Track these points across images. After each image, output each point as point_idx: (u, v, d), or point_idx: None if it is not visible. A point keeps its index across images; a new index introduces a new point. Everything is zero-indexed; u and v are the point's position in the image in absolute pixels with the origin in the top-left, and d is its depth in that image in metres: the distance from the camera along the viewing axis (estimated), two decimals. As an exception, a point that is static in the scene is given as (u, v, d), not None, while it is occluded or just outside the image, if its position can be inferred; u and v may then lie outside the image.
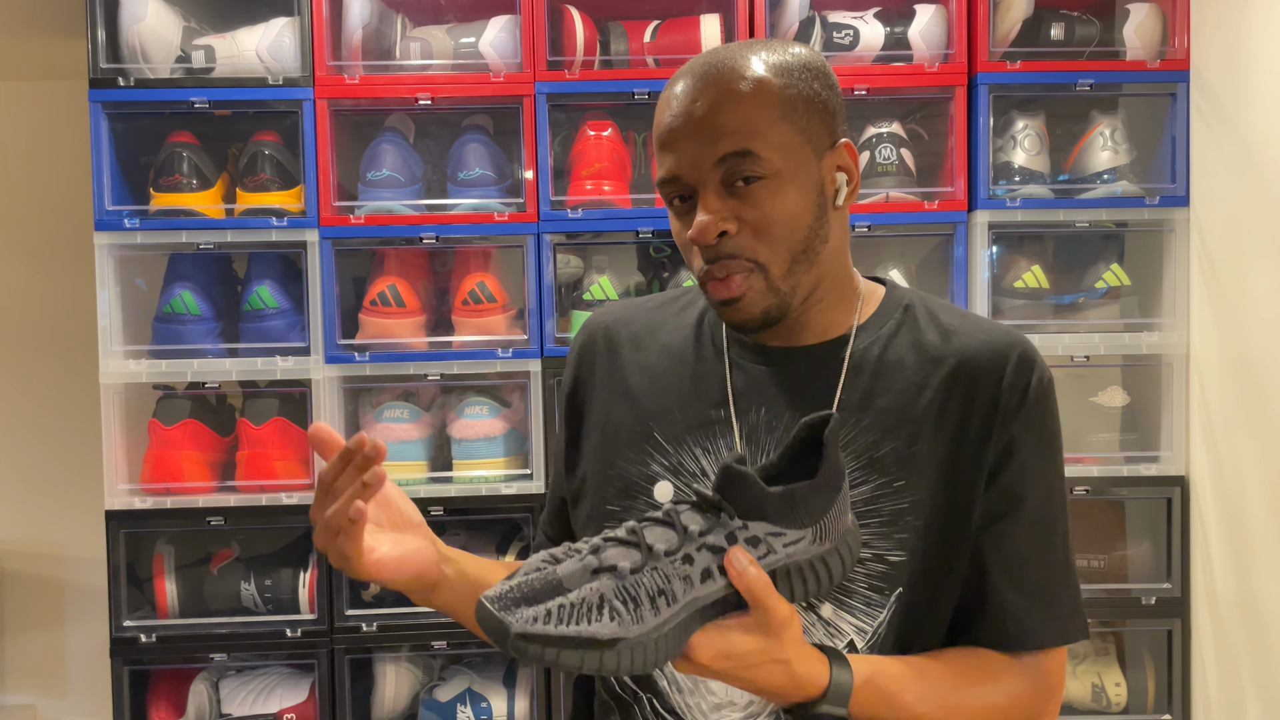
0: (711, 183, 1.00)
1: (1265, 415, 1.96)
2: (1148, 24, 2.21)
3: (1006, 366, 1.05)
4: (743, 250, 1.01)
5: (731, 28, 2.21)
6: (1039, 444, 1.07)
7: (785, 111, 1.01)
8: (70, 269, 2.71)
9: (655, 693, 1.06)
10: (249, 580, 2.21)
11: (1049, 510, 1.06)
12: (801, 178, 1.02)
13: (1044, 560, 1.06)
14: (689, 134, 1.01)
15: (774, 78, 1.01)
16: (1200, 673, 2.17)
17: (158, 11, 2.17)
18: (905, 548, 1.02)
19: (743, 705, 1.03)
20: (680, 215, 1.05)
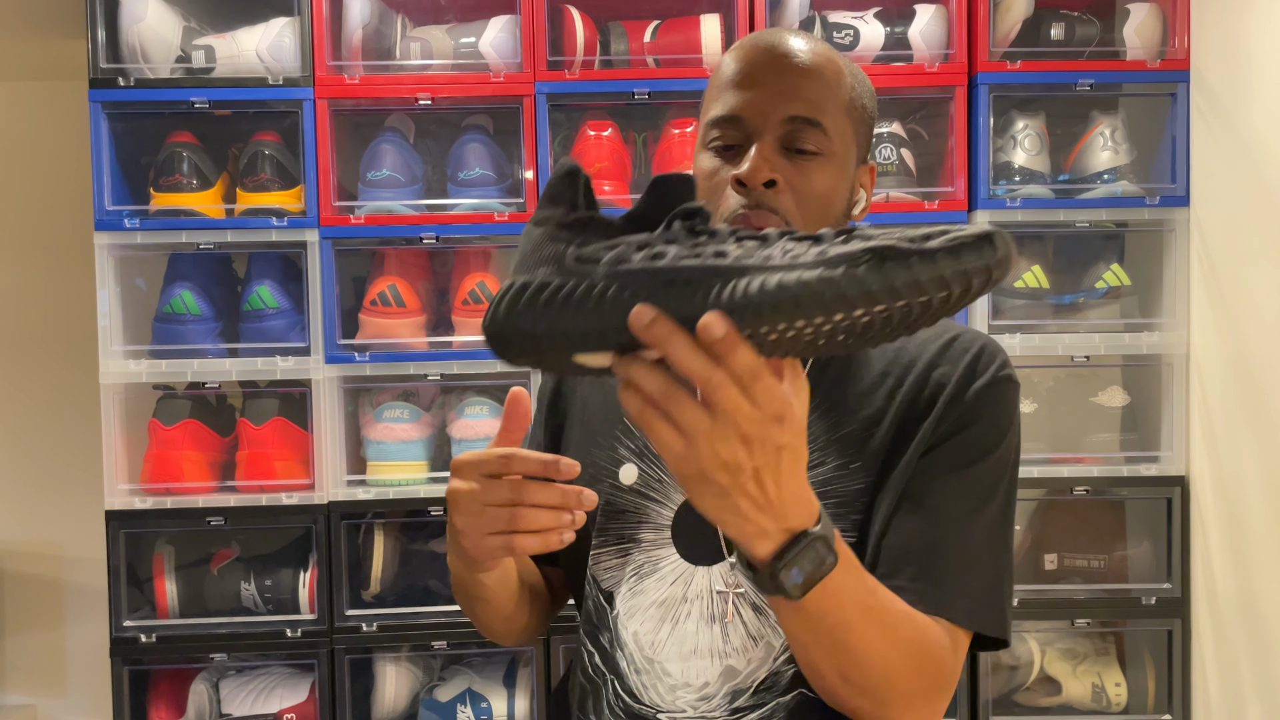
0: (772, 136, 1.05)
1: (1265, 415, 1.96)
2: (1148, 24, 2.21)
3: (965, 357, 1.07)
4: (781, 208, 1.04)
5: (732, 28, 2.21)
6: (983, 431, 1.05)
7: (849, 110, 1.08)
8: (70, 269, 2.71)
9: (617, 674, 1.08)
10: (249, 580, 2.21)
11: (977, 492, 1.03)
12: (844, 172, 1.08)
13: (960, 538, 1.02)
14: (767, 82, 1.05)
15: (850, 78, 1.09)
16: (1200, 673, 2.17)
17: (158, 11, 2.17)
18: (858, 529, 1.04)
19: (698, 687, 1.04)
20: (716, 156, 1.07)
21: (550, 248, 0.77)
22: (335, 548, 2.16)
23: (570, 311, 0.74)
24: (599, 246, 0.76)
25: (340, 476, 2.17)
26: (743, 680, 1.03)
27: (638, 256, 0.74)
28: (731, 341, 0.69)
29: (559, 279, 0.75)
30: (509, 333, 0.76)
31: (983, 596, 1.02)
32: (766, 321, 0.69)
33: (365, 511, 2.20)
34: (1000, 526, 1.05)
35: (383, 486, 2.17)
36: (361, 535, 2.24)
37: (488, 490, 0.94)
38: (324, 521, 2.16)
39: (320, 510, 2.16)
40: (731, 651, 1.04)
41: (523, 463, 0.93)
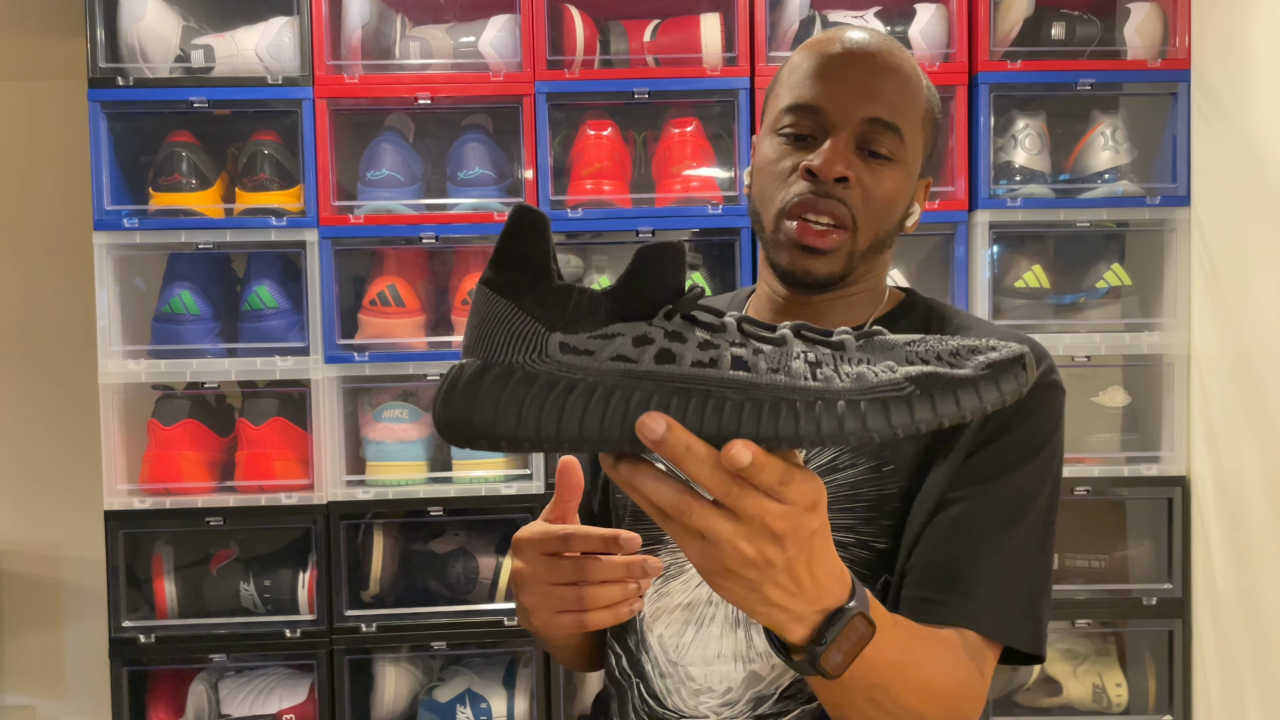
0: (849, 132, 1.03)
1: (1266, 415, 1.95)
2: (1149, 23, 2.21)
3: None
4: (850, 202, 1.03)
5: (732, 27, 2.20)
6: (1024, 438, 1.03)
7: (924, 123, 1.08)
8: (69, 269, 2.71)
9: (642, 677, 1.07)
10: (248, 580, 2.21)
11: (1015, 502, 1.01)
12: (909, 180, 1.07)
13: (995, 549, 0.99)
14: (853, 78, 1.04)
15: (927, 89, 1.09)
16: (1201, 673, 2.16)
17: (157, 11, 2.16)
18: (891, 534, 1.02)
19: (721, 692, 1.03)
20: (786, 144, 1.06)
21: (523, 327, 0.67)
22: (334, 548, 2.15)
23: (555, 412, 0.66)
24: (588, 337, 0.67)
25: (339, 476, 2.17)
26: (766, 686, 1.02)
27: (644, 357, 0.66)
28: (759, 464, 0.65)
29: (541, 371, 0.67)
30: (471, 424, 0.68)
31: (1016, 610, 0.99)
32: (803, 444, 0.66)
33: (364, 512, 2.20)
34: (1039, 537, 1.02)
35: (382, 486, 2.17)
36: (361, 535, 2.23)
37: (551, 570, 0.92)
38: (323, 522, 2.15)
39: (319, 510, 2.16)
40: (755, 657, 1.02)
41: (583, 541, 0.91)
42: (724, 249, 2.24)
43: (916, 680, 0.87)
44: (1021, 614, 0.99)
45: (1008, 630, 0.98)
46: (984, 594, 0.97)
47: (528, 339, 0.67)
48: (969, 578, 0.97)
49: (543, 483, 2.16)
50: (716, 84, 2.17)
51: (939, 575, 0.98)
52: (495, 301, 0.68)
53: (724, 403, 0.66)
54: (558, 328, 0.67)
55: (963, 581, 0.97)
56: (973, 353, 0.67)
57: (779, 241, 1.05)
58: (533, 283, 0.68)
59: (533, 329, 0.68)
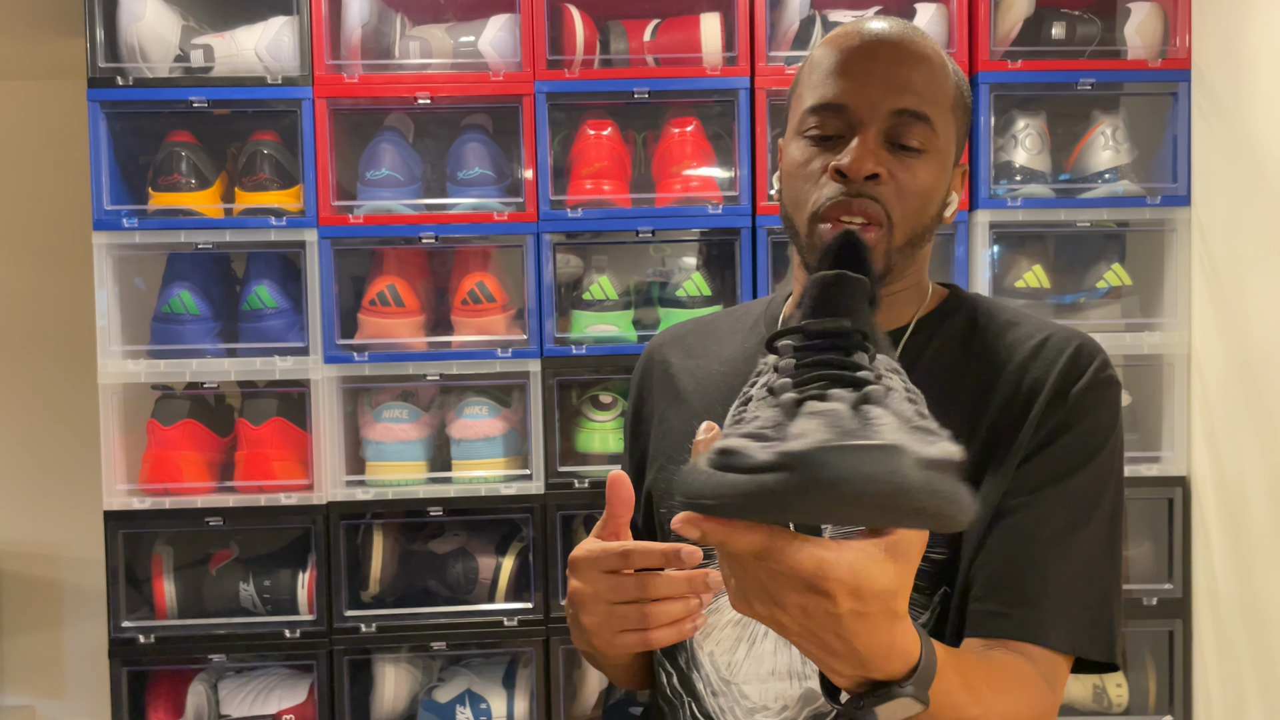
0: (877, 128, 0.99)
1: (1267, 415, 1.95)
2: (1149, 23, 2.20)
3: (1062, 358, 1.02)
4: (883, 199, 0.99)
5: (732, 26, 2.20)
6: (1084, 437, 0.99)
7: (954, 108, 1.04)
8: (69, 269, 2.71)
9: (694, 696, 1.05)
10: (248, 581, 2.20)
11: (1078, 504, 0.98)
12: (944, 170, 1.03)
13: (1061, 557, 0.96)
14: (876, 71, 1.00)
15: (954, 75, 1.05)
16: (1202, 673, 2.16)
17: (156, 10, 2.16)
18: (950, 544, 0.99)
19: (776, 710, 1.01)
20: (813, 145, 1.02)
21: None
22: (334, 548, 2.15)
23: None
24: None
25: (339, 477, 2.17)
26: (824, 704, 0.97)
27: None
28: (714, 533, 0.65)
29: None
30: None
31: (1087, 619, 0.97)
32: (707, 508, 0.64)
33: (364, 512, 2.20)
34: (1106, 539, 0.99)
35: (382, 487, 2.17)
36: (360, 536, 2.23)
37: (612, 589, 0.89)
38: (323, 522, 2.15)
39: (319, 510, 2.15)
40: (811, 673, 0.99)
41: (644, 557, 0.88)
42: (724, 249, 2.24)
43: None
44: (1092, 623, 0.97)
45: (1080, 641, 0.96)
46: (1052, 606, 0.95)
47: None
48: (1036, 590, 0.95)
49: (542, 483, 2.16)
50: (716, 84, 2.17)
51: (1004, 588, 0.95)
52: None
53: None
54: None
55: (1029, 594, 0.95)
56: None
57: (814, 245, 1.01)
58: None
59: None
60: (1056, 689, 0.95)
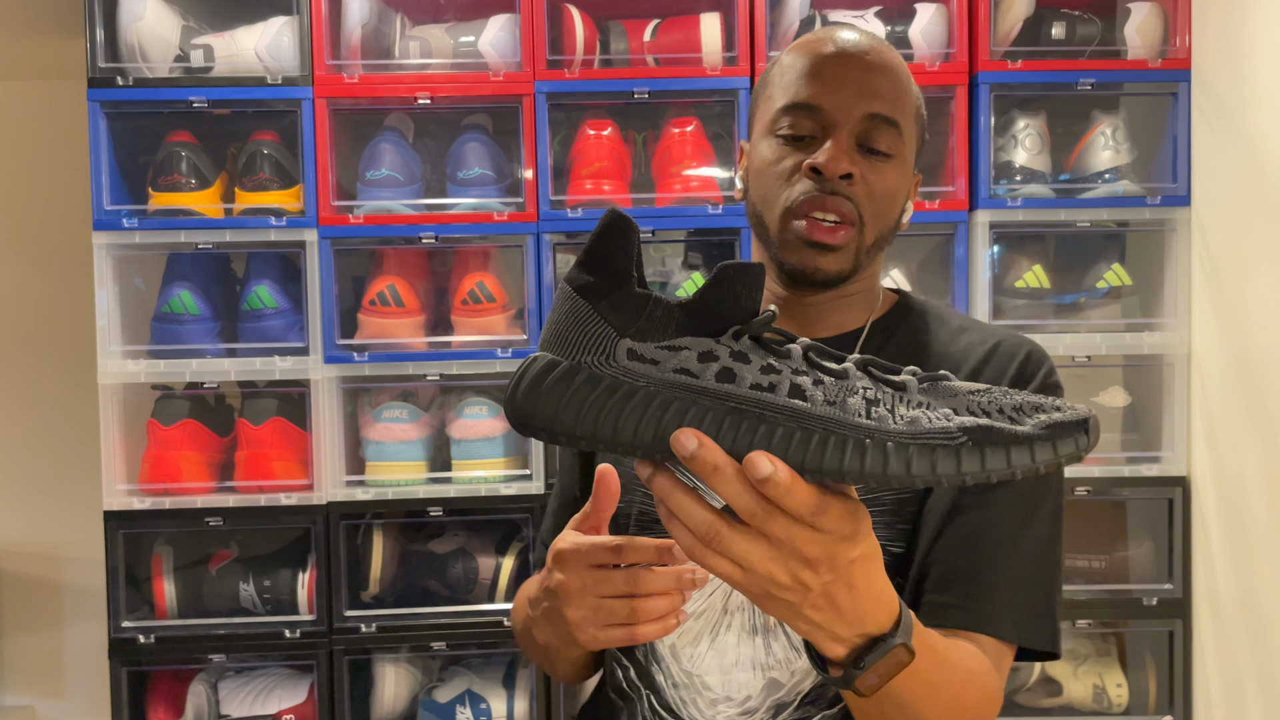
0: (850, 130, 1.04)
1: (1267, 415, 1.95)
2: (1149, 23, 2.20)
3: (1012, 364, 1.06)
4: (856, 199, 1.03)
5: (732, 26, 2.20)
6: None
7: (915, 120, 1.09)
8: (69, 269, 2.71)
9: (654, 689, 1.06)
10: (248, 581, 2.20)
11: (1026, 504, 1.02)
12: (905, 177, 1.08)
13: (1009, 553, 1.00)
14: (851, 76, 1.05)
15: (916, 90, 1.10)
16: (1202, 673, 2.16)
17: (156, 10, 2.16)
18: (906, 539, 1.02)
19: (739, 700, 1.02)
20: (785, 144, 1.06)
21: (596, 329, 0.69)
22: (334, 548, 2.15)
23: (614, 415, 0.67)
24: (656, 347, 0.68)
25: (339, 477, 2.17)
26: (787, 693, 1.01)
27: (705, 373, 0.67)
28: (788, 484, 0.65)
29: (606, 374, 0.68)
30: (535, 415, 0.69)
31: (1032, 612, 1.01)
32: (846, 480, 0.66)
33: (364, 512, 2.20)
34: (1050, 537, 1.04)
35: (382, 487, 2.17)
36: (360, 536, 2.23)
37: (601, 583, 0.89)
38: (323, 522, 2.15)
39: (319, 510, 2.15)
40: (775, 664, 1.02)
41: (636, 553, 0.89)
42: (724, 249, 2.24)
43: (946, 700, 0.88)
44: (1037, 615, 1.01)
45: (1025, 633, 1.00)
46: (1000, 598, 0.99)
47: (598, 341, 0.69)
48: (987, 583, 0.99)
49: (542, 483, 2.16)
50: (716, 84, 2.17)
51: (956, 580, 0.99)
52: (574, 301, 0.70)
53: (775, 429, 0.66)
54: (628, 334, 0.69)
55: (981, 587, 0.99)
56: (1036, 410, 0.66)
57: (786, 241, 1.05)
58: (612, 287, 0.69)
59: (604, 332, 0.69)
60: (1002, 675, 0.99)
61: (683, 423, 0.67)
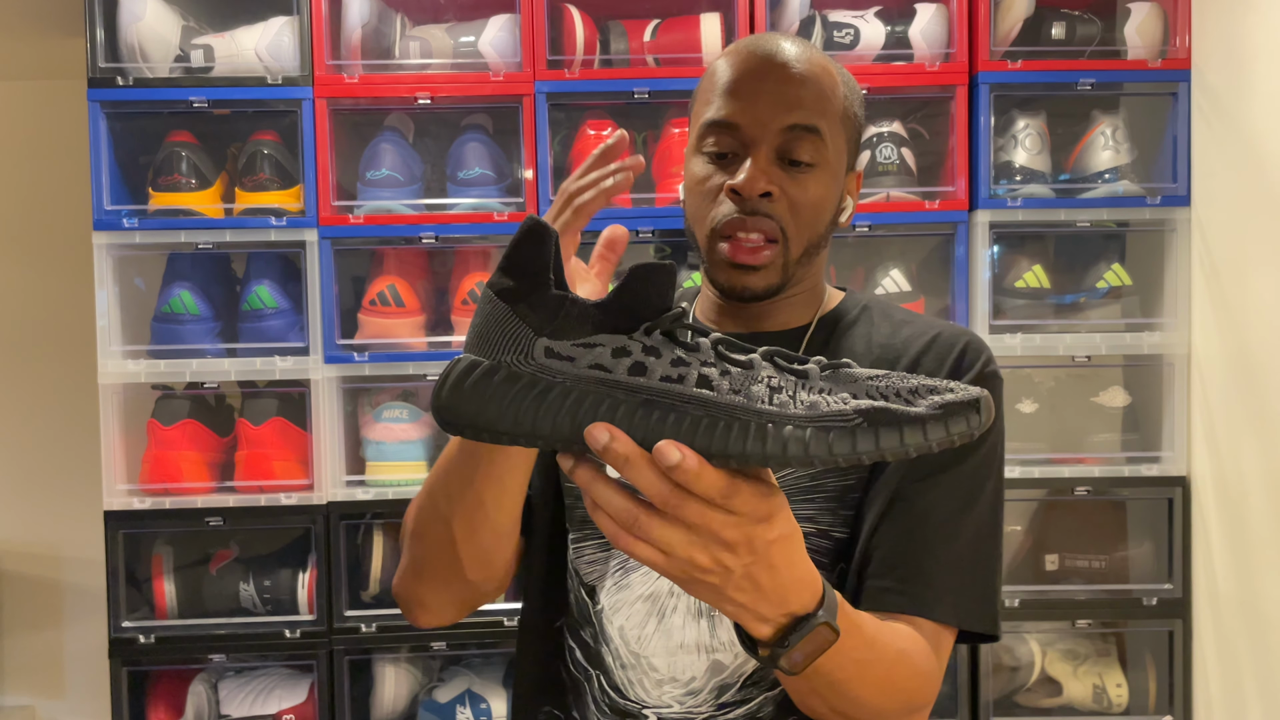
0: (768, 145, 1.05)
1: (1267, 415, 1.95)
2: (1149, 23, 2.20)
3: (951, 353, 1.08)
4: (777, 216, 1.05)
5: (732, 27, 2.20)
6: None
7: (843, 119, 1.09)
8: (69, 269, 2.70)
9: (603, 669, 1.08)
10: (248, 581, 2.20)
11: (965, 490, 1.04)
12: (835, 180, 1.08)
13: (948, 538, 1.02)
14: (765, 90, 1.05)
15: (843, 86, 1.09)
16: (1202, 673, 2.16)
17: (156, 11, 2.16)
18: (849, 524, 1.05)
19: (684, 681, 1.04)
20: (710, 162, 1.08)
21: (515, 329, 0.72)
22: (334, 548, 2.15)
23: (532, 410, 0.70)
24: (571, 344, 0.71)
25: (339, 477, 2.17)
26: (729, 675, 1.03)
27: (618, 368, 0.70)
28: (696, 470, 0.67)
29: (525, 372, 0.71)
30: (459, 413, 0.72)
31: (972, 595, 1.03)
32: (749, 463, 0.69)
33: (364, 512, 2.20)
34: (989, 522, 1.06)
35: (382, 487, 2.17)
36: (360, 535, 2.23)
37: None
38: (323, 522, 2.15)
39: (319, 510, 2.15)
40: (719, 646, 1.04)
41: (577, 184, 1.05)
42: (724, 249, 2.24)
43: (876, 677, 0.90)
44: (977, 599, 1.04)
45: (965, 616, 1.03)
46: (940, 583, 1.01)
47: (517, 341, 0.72)
48: (926, 568, 1.01)
49: (543, 483, 2.16)
50: (716, 84, 2.17)
51: (896, 566, 1.01)
52: (494, 304, 0.73)
53: (684, 418, 0.69)
54: (545, 333, 0.72)
55: (920, 572, 1.01)
56: (931, 392, 0.69)
57: (714, 261, 1.08)
58: (530, 290, 0.72)
59: (523, 332, 0.72)
60: (941, 656, 1.01)
61: (597, 416, 0.70)
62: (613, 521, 0.71)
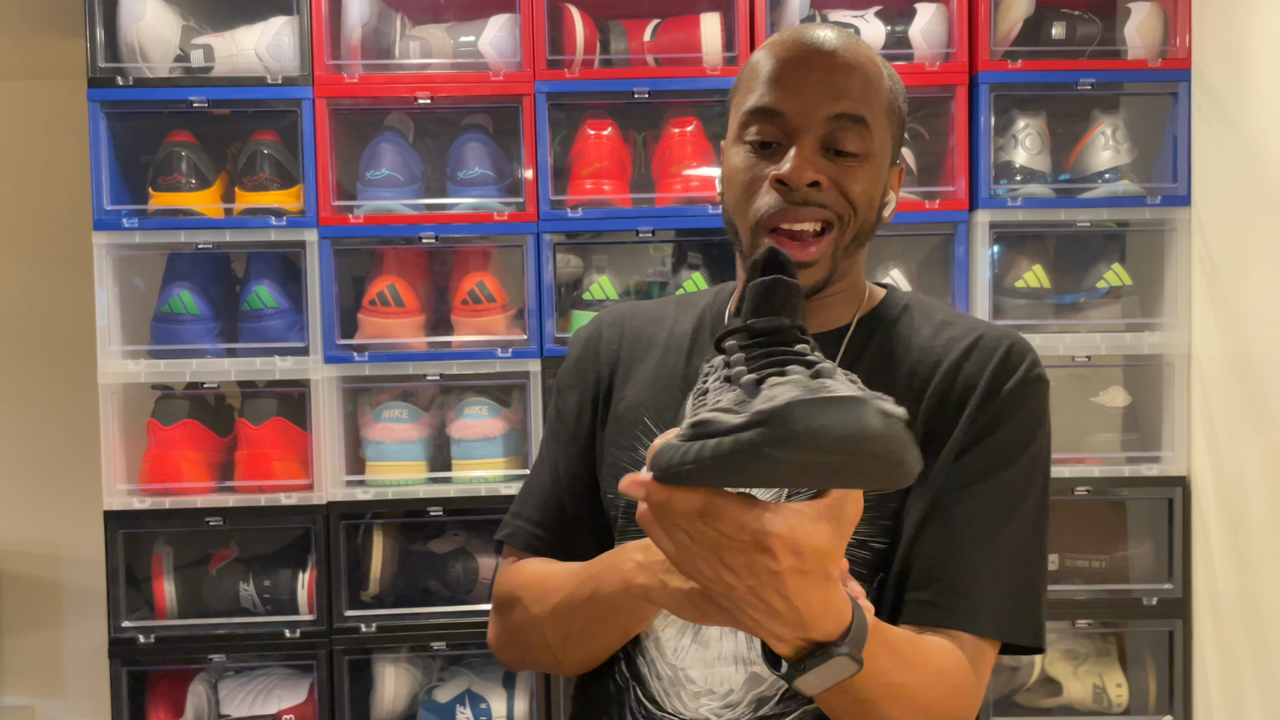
0: (814, 134, 1.02)
1: (1267, 415, 1.95)
2: (1149, 23, 2.20)
3: (994, 357, 1.05)
4: (827, 204, 1.02)
5: (732, 26, 2.20)
6: (1013, 434, 1.03)
7: (888, 111, 1.06)
8: (69, 269, 2.71)
9: (639, 680, 1.06)
10: (248, 581, 2.20)
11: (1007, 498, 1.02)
12: (880, 173, 1.06)
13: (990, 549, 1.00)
14: (812, 79, 1.02)
15: (888, 79, 1.07)
16: (1202, 673, 2.16)
17: (156, 10, 2.16)
18: (889, 535, 1.03)
19: (722, 694, 1.03)
20: (752, 152, 1.04)
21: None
22: (334, 548, 2.15)
23: None
24: None
25: (339, 477, 2.17)
26: (768, 687, 1.01)
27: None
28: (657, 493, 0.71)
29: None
30: None
31: (1013, 607, 1.00)
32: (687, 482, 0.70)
33: (364, 512, 2.20)
34: (1033, 531, 1.03)
35: (382, 487, 2.17)
36: (360, 535, 2.23)
37: None
38: (323, 522, 2.15)
39: (319, 510, 2.15)
40: (757, 658, 1.01)
41: None
42: (724, 249, 2.24)
43: (910, 698, 0.89)
44: (1019, 610, 1.01)
45: (1006, 628, 1.00)
46: (981, 595, 0.98)
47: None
48: (966, 580, 0.98)
49: (543, 483, 2.16)
50: (716, 84, 2.17)
51: (936, 578, 0.99)
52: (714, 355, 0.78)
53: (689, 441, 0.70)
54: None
55: (959, 584, 0.98)
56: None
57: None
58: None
59: None
60: (980, 671, 0.99)
61: None
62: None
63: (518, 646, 1.12)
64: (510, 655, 1.15)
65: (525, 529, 1.18)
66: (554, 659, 1.09)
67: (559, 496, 1.17)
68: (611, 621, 1.01)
